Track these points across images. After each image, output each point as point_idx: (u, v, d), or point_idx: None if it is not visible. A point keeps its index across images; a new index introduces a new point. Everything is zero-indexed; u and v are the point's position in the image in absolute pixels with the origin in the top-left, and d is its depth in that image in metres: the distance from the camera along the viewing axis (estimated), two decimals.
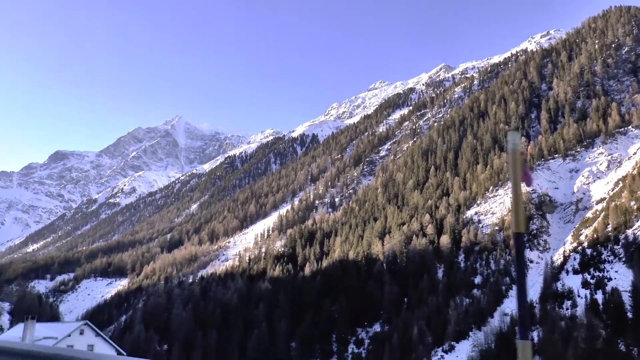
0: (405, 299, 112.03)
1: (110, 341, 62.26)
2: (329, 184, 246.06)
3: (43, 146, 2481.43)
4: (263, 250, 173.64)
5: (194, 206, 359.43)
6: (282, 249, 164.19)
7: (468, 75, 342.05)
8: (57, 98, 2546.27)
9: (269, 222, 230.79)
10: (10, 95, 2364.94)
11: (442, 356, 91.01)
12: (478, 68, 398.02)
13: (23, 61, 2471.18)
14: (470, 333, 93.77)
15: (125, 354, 61.86)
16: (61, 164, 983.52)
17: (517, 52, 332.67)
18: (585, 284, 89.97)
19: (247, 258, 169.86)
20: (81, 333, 58.35)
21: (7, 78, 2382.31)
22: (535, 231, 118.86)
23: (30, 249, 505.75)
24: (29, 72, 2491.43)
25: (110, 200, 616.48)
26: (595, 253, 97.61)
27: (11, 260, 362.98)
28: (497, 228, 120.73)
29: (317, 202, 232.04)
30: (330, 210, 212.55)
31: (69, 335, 56.22)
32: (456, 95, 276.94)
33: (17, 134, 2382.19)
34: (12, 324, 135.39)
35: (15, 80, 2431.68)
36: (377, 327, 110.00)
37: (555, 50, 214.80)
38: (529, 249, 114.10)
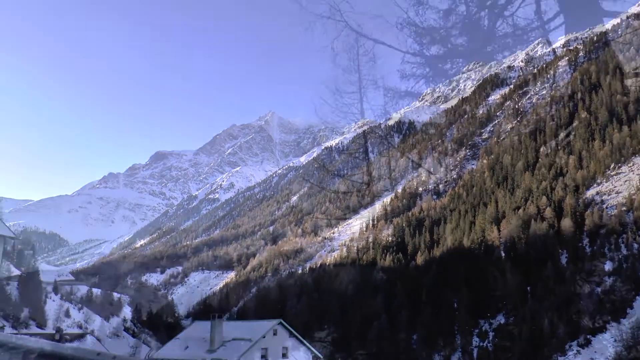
0: (528, 288, 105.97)
1: (306, 343, 58.39)
2: (431, 170, 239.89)
3: (145, 147, 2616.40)
4: (370, 239, 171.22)
5: (294, 198, 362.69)
6: (390, 238, 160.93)
7: (571, 48, 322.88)
8: (156, 100, 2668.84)
9: (373, 211, 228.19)
10: (114, 101, 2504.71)
11: (578, 351, 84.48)
12: (581, 39, 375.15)
13: (124, 69, 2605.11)
14: (608, 326, 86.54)
15: (321, 357, 59.16)
16: (161, 163, 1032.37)
17: (627, 16, 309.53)
18: None
19: (355, 248, 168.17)
20: (274, 334, 55.74)
21: (111, 86, 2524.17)
22: None
23: (138, 244, 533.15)
24: (130, 79, 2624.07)
25: (209, 196, 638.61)
26: None
27: (124, 255, 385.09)
28: (624, 208, 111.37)
29: (420, 189, 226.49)
30: (434, 197, 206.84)
31: (264, 337, 53.87)
32: (560, 70, 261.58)
33: (121, 137, 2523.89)
34: (134, 314, 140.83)
35: (118, 88, 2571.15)
36: (500, 319, 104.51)
37: None
38: None
